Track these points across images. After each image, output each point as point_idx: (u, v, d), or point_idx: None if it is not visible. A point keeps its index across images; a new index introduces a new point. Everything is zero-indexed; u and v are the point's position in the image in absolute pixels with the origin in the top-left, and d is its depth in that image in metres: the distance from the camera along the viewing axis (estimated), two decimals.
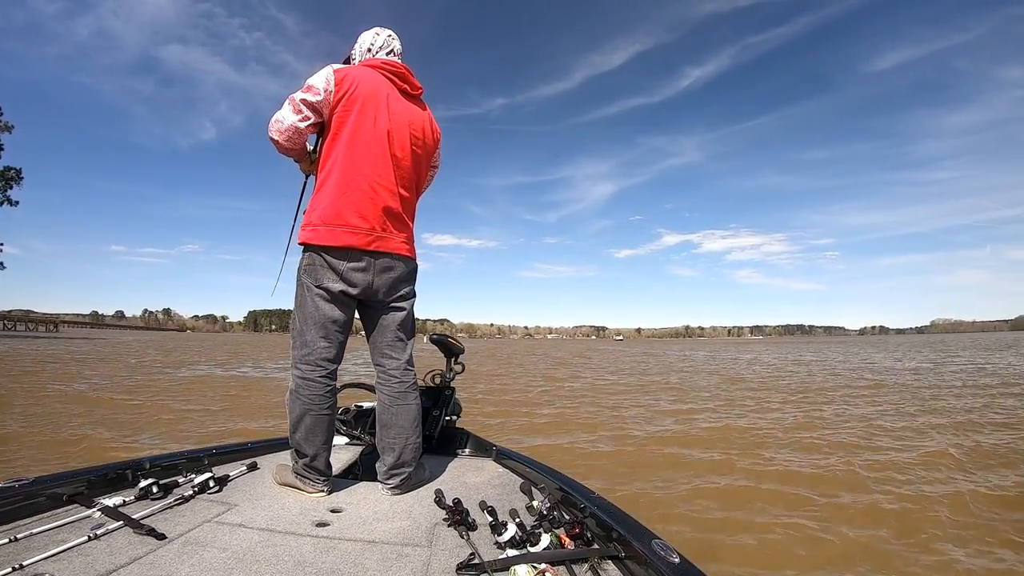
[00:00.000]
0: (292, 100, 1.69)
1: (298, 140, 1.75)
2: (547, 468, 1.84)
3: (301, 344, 1.72)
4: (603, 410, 7.97)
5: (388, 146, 1.76)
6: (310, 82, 1.70)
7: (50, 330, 68.86)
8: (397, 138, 1.79)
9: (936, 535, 3.05)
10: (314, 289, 1.71)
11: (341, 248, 1.69)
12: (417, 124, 1.86)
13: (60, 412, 6.78)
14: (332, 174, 1.71)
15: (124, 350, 24.76)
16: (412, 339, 1.91)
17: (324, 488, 1.70)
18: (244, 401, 8.48)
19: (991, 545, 2.91)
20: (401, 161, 1.80)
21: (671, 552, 1.08)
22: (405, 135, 1.81)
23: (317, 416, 1.70)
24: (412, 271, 1.89)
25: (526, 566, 1.10)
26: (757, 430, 6.13)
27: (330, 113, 1.72)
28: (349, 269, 1.71)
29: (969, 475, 4.21)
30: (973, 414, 6.93)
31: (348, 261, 1.71)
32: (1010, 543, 2.92)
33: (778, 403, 8.58)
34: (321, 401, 1.71)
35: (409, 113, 1.85)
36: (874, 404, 8.19)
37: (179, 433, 5.80)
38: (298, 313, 1.75)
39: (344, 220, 1.69)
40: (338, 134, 1.72)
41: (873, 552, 2.87)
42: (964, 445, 5.11)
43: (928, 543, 2.95)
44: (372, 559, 1.21)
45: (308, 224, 1.72)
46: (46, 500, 1.39)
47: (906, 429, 6.05)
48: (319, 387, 1.71)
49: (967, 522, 3.24)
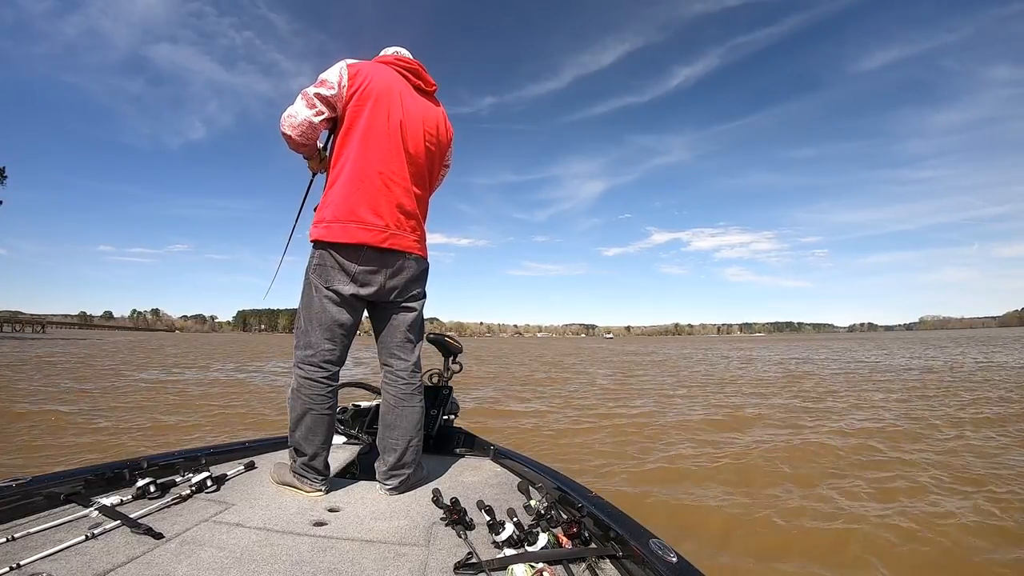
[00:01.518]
0: (305, 94, 1.66)
1: (311, 135, 1.71)
2: (545, 467, 1.85)
3: (305, 344, 1.70)
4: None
5: (402, 142, 1.73)
6: (323, 76, 1.68)
7: (36, 331, 67.71)
8: (411, 134, 1.75)
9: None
10: (323, 290, 1.68)
11: (354, 245, 1.66)
12: (431, 121, 1.84)
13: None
14: (345, 169, 1.68)
15: (96, 351, 23.33)
16: (421, 341, 1.89)
17: (322, 488, 1.70)
18: (185, 415, 6.58)
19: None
20: (415, 158, 1.78)
21: (669, 551, 1.08)
22: (419, 131, 1.78)
23: (318, 416, 1.70)
24: (424, 271, 1.87)
25: (524, 565, 1.10)
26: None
27: (343, 108, 1.69)
28: (361, 271, 1.69)
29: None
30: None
31: (360, 263, 1.68)
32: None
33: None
34: (322, 401, 1.70)
35: (423, 109, 1.82)
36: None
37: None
38: (304, 312, 1.72)
39: (358, 216, 1.66)
40: (351, 129, 1.69)
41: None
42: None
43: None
44: (370, 558, 1.21)
45: (320, 221, 1.68)
46: (43, 499, 1.38)
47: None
48: (321, 387, 1.70)
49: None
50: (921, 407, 7.24)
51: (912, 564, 2.62)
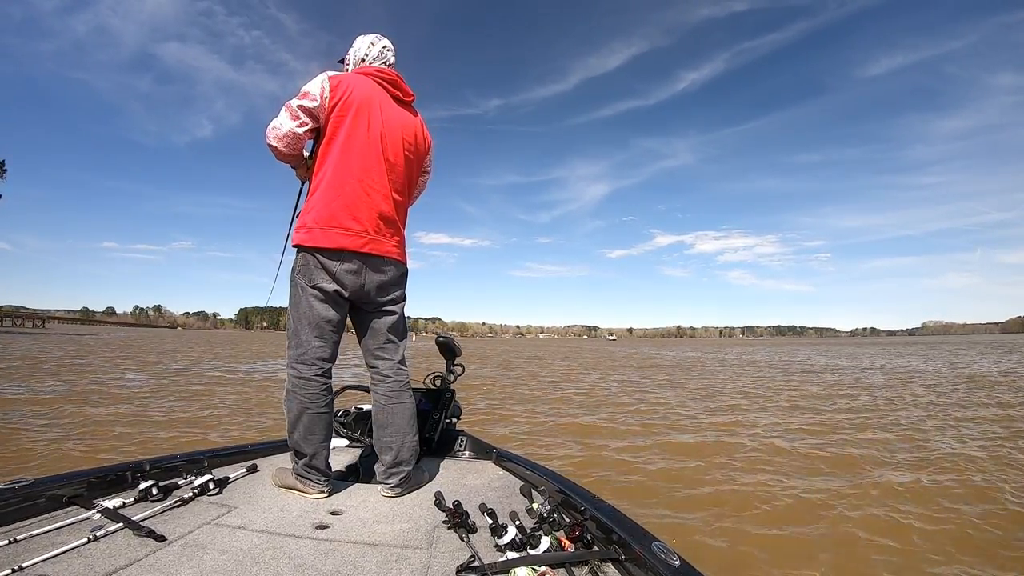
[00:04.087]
0: (289, 107, 1.71)
1: (296, 146, 1.76)
2: (547, 470, 1.84)
3: (296, 344, 1.75)
4: None
5: (382, 150, 1.80)
6: (306, 88, 1.73)
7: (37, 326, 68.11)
8: (390, 143, 1.82)
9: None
10: (308, 289, 1.73)
11: (334, 250, 1.71)
12: (409, 130, 1.90)
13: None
14: (326, 177, 1.74)
15: (87, 347, 23.04)
16: (403, 340, 1.94)
17: (325, 489, 1.70)
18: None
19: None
20: (394, 166, 1.84)
21: (671, 555, 1.08)
22: (398, 140, 1.85)
23: (314, 415, 1.72)
24: (403, 275, 1.92)
25: (526, 569, 1.10)
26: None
27: (326, 118, 1.75)
28: (342, 271, 1.74)
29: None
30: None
31: (341, 262, 1.73)
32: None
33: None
34: (318, 399, 1.73)
35: (402, 119, 1.89)
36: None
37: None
38: (292, 313, 1.77)
39: (338, 222, 1.72)
40: (333, 138, 1.75)
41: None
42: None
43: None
44: (372, 561, 1.21)
45: (303, 226, 1.74)
46: (46, 501, 1.39)
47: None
48: (315, 385, 1.73)
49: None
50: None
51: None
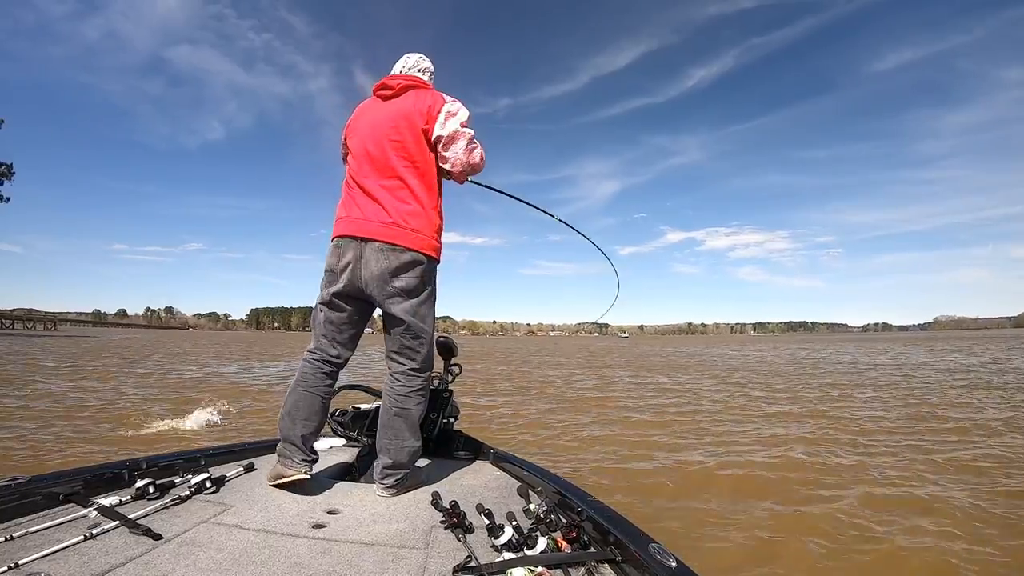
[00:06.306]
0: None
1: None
2: (544, 471, 1.83)
3: (312, 339, 1.88)
4: None
5: (365, 149, 1.89)
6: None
7: (48, 328, 69.26)
8: (371, 139, 1.89)
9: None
10: (317, 303, 1.87)
11: (335, 239, 1.83)
12: (390, 117, 1.88)
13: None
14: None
15: (87, 349, 22.86)
16: (420, 341, 1.82)
17: (304, 470, 1.69)
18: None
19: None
20: (378, 155, 1.86)
21: (668, 556, 1.07)
22: (378, 133, 1.88)
23: (304, 392, 1.78)
24: (410, 262, 1.75)
25: (523, 569, 1.09)
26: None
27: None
28: (340, 264, 1.80)
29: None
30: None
31: (340, 256, 1.79)
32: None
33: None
34: (310, 379, 1.80)
35: (382, 113, 1.92)
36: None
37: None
38: (313, 313, 1.91)
39: (339, 215, 1.87)
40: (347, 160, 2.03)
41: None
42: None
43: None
44: (368, 561, 1.21)
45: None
46: (42, 499, 1.39)
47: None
48: (311, 367, 1.81)
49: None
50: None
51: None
